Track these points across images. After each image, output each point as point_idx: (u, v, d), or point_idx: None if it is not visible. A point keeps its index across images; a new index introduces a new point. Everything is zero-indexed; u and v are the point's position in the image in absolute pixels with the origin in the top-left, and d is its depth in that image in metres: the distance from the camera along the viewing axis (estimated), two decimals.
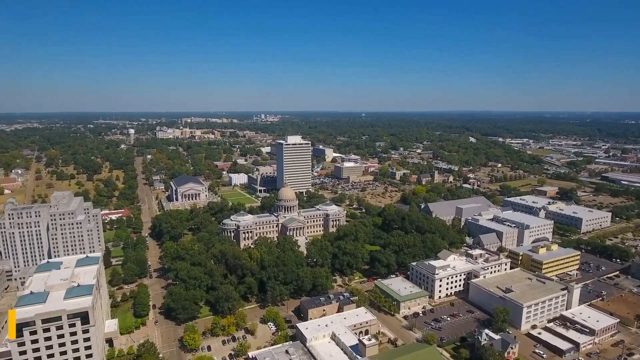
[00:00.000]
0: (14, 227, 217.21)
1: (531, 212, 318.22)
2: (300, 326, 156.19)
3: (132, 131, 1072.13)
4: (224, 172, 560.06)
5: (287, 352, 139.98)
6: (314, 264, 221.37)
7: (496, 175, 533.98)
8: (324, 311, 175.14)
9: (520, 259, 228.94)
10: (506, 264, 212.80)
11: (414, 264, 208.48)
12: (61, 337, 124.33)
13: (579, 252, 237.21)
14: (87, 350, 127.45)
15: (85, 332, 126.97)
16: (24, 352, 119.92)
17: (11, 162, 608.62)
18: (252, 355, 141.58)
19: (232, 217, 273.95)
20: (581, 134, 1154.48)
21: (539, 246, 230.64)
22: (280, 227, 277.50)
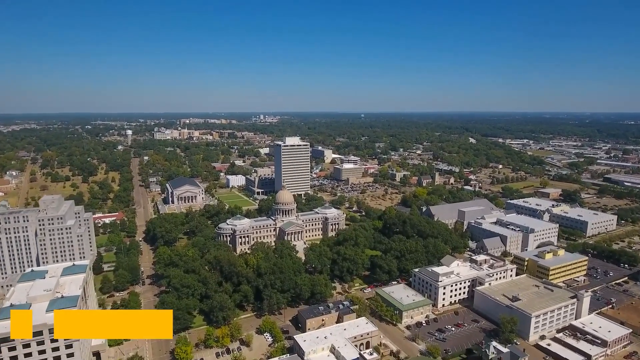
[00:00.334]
0: (1, 232, 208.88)
1: (535, 215, 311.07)
2: (297, 338, 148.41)
3: (129, 132, 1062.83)
4: (222, 173, 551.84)
5: None
6: (313, 270, 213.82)
7: (497, 176, 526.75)
8: (322, 321, 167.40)
9: (525, 264, 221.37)
10: (512, 270, 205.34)
11: (416, 270, 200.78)
12: (42, 352, 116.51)
13: (586, 258, 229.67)
14: None
15: (68, 347, 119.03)
16: None
17: (6, 163, 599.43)
18: None
19: (229, 221, 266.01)
20: (581, 134, 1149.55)
21: (545, 251, 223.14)
22: (277, 231, 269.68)
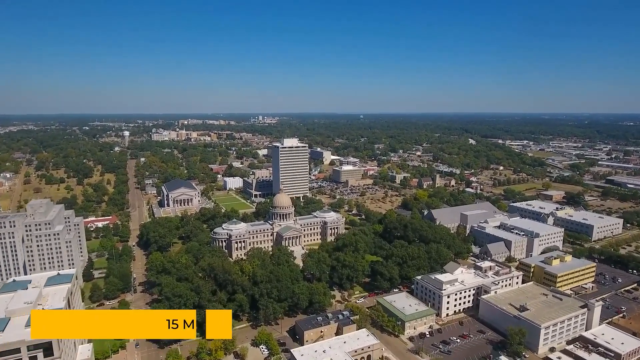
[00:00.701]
0: None
1: (539, 219, 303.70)
2: (295, 352, 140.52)
3: (126, 133, 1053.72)
4: (219, 175, 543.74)
5: None
6: (311, 277, 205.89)
7: (499, 178, 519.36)
8: (321, 333, 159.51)
9: (532, 271, 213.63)
10: (518, 278, 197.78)
11: (419, 278, 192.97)
12: None
13: (594, 264, 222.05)
14: None
15: None
16: None
17: (0, 165, 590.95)
18: None
19: (224, 225, 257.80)
20: (581, 135, 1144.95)
21: (551, 257, 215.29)
22: (275, 236, 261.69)
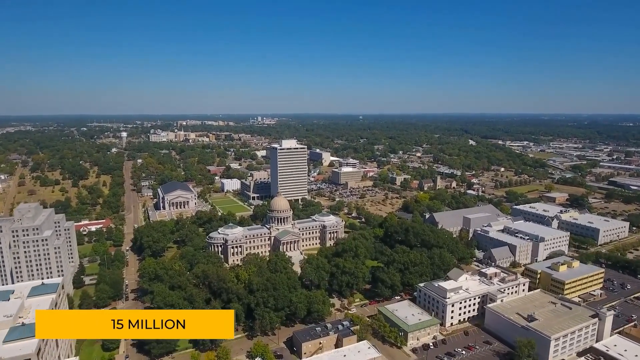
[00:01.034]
0: None
1: (543, 222, 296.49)
2: None
3: (124, 134, 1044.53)
4: (217, 177, 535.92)
5: None
6: (310, 283, 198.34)
7: (500, 180, 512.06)
8: (320, 344, 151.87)
9: (538, 277, 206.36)
10: (524, 285, 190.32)
11: (422, 285, 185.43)
12: None
13: (602, 270, 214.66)
14: None
15: None
16: None
17: None
18: None
19: (220, 230, 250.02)
20: (581, 136, 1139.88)
21: (559, 263, 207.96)
22: (272, 240, 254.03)
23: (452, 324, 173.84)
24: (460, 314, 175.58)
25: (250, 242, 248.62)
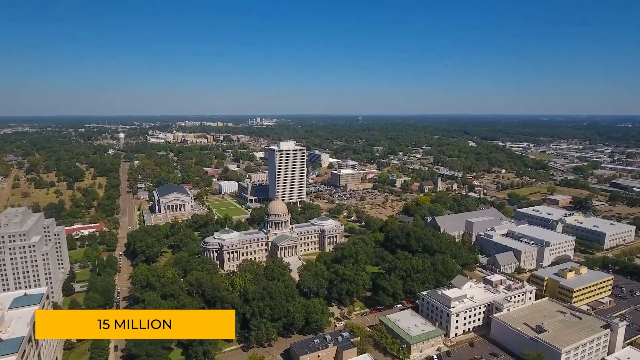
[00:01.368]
0: None
1: (547, 226, 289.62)
2: None
3: (122, 135, 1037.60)
4: (214, 179, 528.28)
5: None
6: (308, 291, 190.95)
7: (502, 182, 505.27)
8: (319, 358, 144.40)
9: (545, 284, 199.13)
10: (531, 293, 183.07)
11: (425, 293, 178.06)
12: None
13: (611, 277, 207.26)
14: None
15: None
16: None
17: None
18: None
19: (216, 234, 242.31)
20: (581, 137, 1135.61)
21: (566, 269, 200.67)
22: (270, 245, 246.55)
23: (456, 335, 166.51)
24: (465, 324, 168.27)
25: (246, 247, 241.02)
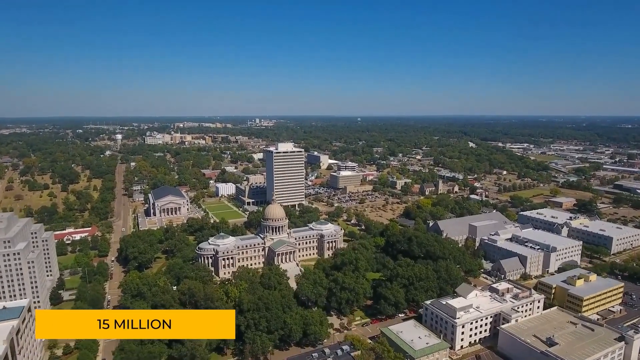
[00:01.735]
0: None
1: (552, 229, 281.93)
2: None
3: (119, 136, 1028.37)
4: (212, 181, 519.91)
5: None
6: (306, 299, 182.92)
7: (504, 184, 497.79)
8: None
9: (553, 292, 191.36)
10: (539, 302, 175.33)
11: (429, 303, 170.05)
12: None
13: (622, 284, 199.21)
14: None
15: None
16: None
17: None
18: None
19: (211, 240, 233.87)
20: (581, 138, 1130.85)
21: (575, 277, 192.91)
22: (267, 251, 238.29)
23: (462, 347, 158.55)
24: (471, 336, 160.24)
25: (242, 253, 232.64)
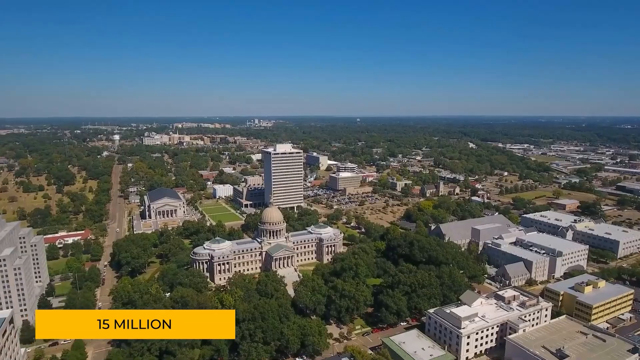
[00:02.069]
0: None
1: (556, 233, 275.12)
2: None
3: (116, 137, 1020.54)
4: (209, 182, 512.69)
5: None
6: (304, 307, 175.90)
7: (505, 185, 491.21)
8: None
9: (560, 299, 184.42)
10: (547, 310, 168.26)
11: (432, 312, 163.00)
12: None
13: (632, 290, 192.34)
14: None
15: None
16: None
17: None
18: None
19: (206, 244, 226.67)
20: (581, 139, 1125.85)
21: (583, 283, 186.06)
22: (264, 256, 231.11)
23: (467, 358, 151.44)
24: (477, 346, 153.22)
25: (239, 258, 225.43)
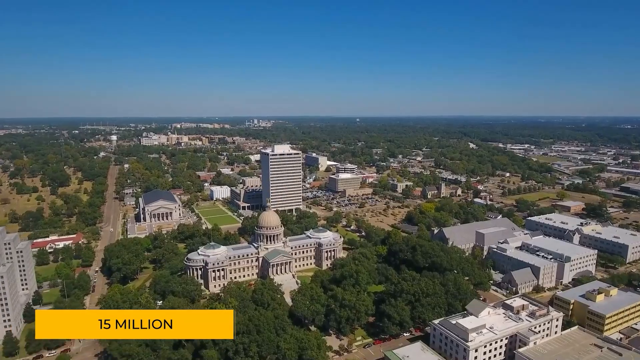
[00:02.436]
0: None
1: (562, 237, 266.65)
2: None
3: (114, 137, 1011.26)
4: (206, 184, 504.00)
5: None
6: (302, 317, 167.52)
7: (508, 186, 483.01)
8: None
9: (570, 308, 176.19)
10: (557, 320, 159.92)
11: (437, 322, 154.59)
12: None
13: None
14: None
15: None
16: None
17: None
18: None
19: (200, 250, 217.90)
20: (582, 139, 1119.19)
21: (595, 291, 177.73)
22: (260, 262, 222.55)
23: None
24: None
25: (234, 264, 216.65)
